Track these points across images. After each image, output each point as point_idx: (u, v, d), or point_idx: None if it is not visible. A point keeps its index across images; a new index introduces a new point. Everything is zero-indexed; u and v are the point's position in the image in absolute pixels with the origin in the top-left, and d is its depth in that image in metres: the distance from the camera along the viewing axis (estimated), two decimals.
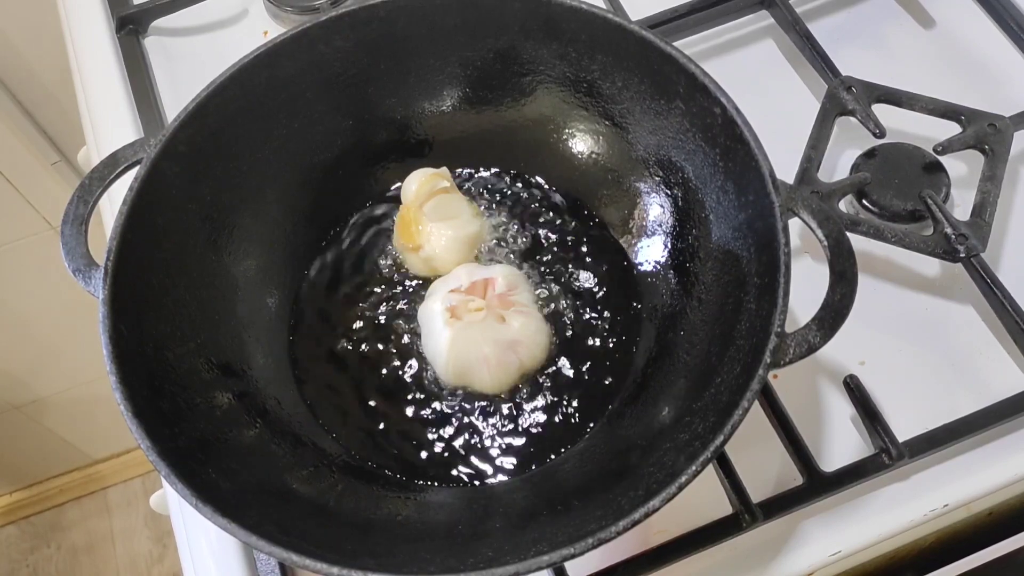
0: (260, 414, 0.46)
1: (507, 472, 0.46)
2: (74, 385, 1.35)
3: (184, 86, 0.65)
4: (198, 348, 0.45)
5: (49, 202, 1.04)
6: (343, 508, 0.43)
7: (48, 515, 1.58)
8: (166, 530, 1.54)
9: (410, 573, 0.36)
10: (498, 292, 0.48)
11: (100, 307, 0.41)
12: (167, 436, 0.39)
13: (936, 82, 0.61)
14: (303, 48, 0.49)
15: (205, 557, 0.49)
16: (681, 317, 0.47)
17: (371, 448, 0.47)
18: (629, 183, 0.52)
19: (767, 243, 0.41)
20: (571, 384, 0.48)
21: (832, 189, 0.53)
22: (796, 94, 0.62)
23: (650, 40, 0.46)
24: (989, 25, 0.63)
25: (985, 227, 0.51)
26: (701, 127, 0.46)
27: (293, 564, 0.35)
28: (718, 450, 0.36)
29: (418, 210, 0.51)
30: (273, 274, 0.51)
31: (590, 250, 0.52)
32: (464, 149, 0.55)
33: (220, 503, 0.37)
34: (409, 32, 0.50)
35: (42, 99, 0.96)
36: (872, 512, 0.48)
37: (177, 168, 0.46)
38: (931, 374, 0.51)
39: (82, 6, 0.70)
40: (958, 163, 0.57)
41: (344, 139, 0.53)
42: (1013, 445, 0.49)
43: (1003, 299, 0.50)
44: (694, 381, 0.43)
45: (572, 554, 0.35)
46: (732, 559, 0.47)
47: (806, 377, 0.51)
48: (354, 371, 0.49)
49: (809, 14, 0.65)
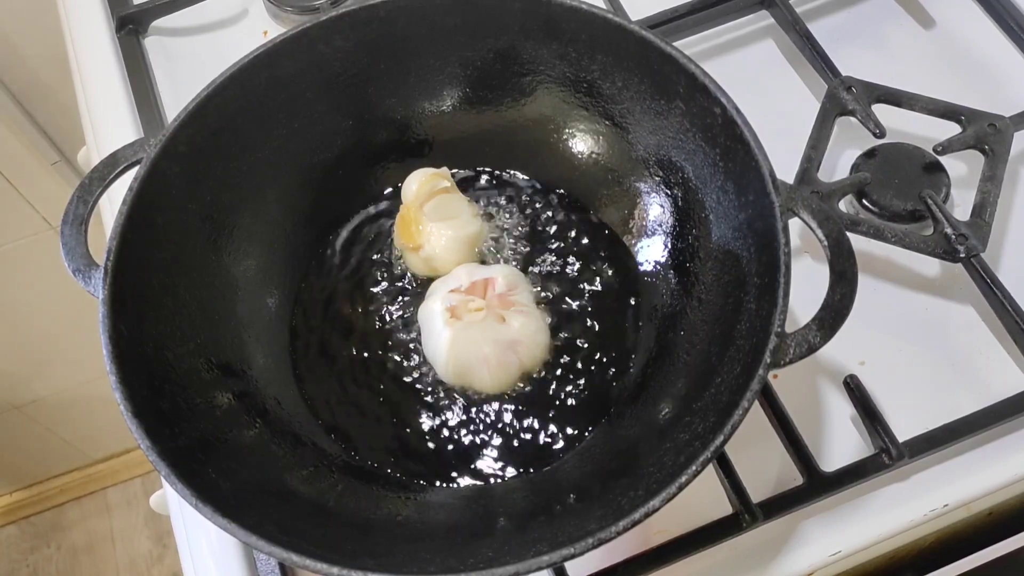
0: (260, 414, 0.46)
1: (507, 472, 0.46)
2: (74, 385, 1.35)
3: (184, 86, 0.65)
4: (198, 348, 0.45)
5: (49, 202, 1.04)
6: (343, 508, 0.43)
7: (48, 515, 1.58)
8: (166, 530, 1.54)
9: (410, 573, 0.36)
10: (498, 292, 0.48)
11: (100, 307, 0.41)
12: (167, 436, 0.39)
13: (936, 82, 0.61)
14: (303, 48, 0.49)
15: (205, 557, 0.49)
16: (681, 317, 0.47)
17: (371, 448, 0.47)
18: (629, 183, 0.52)
19: (767, 243, 0.41)
20: (571, 384, 0.48)
21: (832, 189, 0.53)
22: (796, 94, 0.62)
23: (650, 40, 0.46)
24: (989, 25, 0.63)
25: (985, 227, 0.51)
26: (701, 127, 0.46)
27: (293, 564, 0.35)
28: (718, 450, 0.36)
29: (418, 210, 0.51)
30: (273, 274, 0.51)
31: (590, 250, 0.52)
32: (464, 149, 0.55)
33: (220, 503, 0.37)
34: (409, 32, 0.50)
35: (42, 99, 0.96)
36: (872, 512, 0.48)
37: (177, 168, 0.46)
38: (931, 374, 0.51)
39: (82, 6, 0.70)
40: (958, 163, 0.57)
41: (344, 139, 0.53)
42: (1013, 445, 0.49)
43: (1003, 299, 0.50)
44: (694, 381, 0.43)
45: (572, 554, 0.35)
46: (732, 559, 0.47)
47: (806, 377, 0.51)
48: (354, 371, 0.49)
49: (809, 14, 0.65)
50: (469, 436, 0.47)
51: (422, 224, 0.51)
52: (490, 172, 0.55)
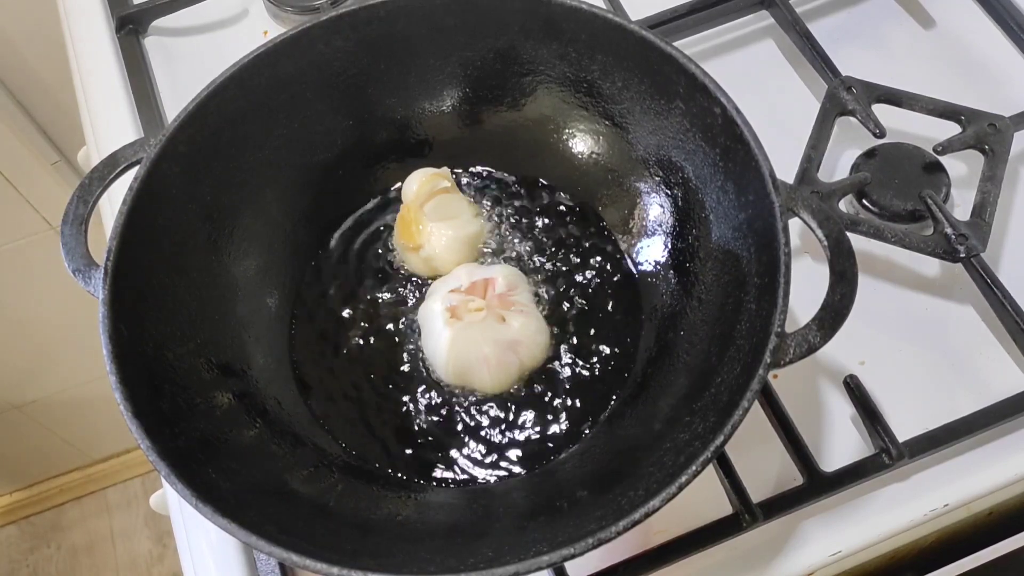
0: (260, 414, 0.46)
1: (507, 472, 0.46)
2: (74, 385, 1.35)
3: (184, 86, 0.65)
4: (198, 348, 0.45)
5: (49, 202, 1.04)
6: (343, 508, 0.43)
7: (48, 515, 1.58)
8: (166, 530, 1.54)
9: (410, 573, 0.36)
10: (498, 292, 0.48)
11: (100, 307, 0.41)
12: (167, 436, 0.39)
13: (936, 82, 0.61)
14: (303, 48, 0.49)
15: (205, 557, 0.49)
16: (681, 317, 0.47)
17: (371, 448, 0.47)
18: (629, 183, 0.52)
19: (767, 243, 0.41)
20: (571, 384, 0.48)
21: (832, 189, 0.53)
22: (796, 94, 0.62)
23: (650, 40, 0.46)
24: (989, 25, 0.63)
25: (985, 227, 0.51)
26: (701, 127, 0.46)
27: (293, 564, 0.35)
28: (718, 450, 0.36)
29: (418, 210, 0.51)
30: (273, 274, 0.51)
31: (590, 250, 0.52)
32: (464, 149, 0.55)
33: (220, 503, 0.37)
34: (409, 32, 0.50)
35: (42, 99, 0.96)
36: (872, 512, 0.48)
37: (177, 168, 0.46)
38: (931, 374, 0.51)
39: (82, 6, 0.70)
40: (958, 163, 0.57)
41: (344, 139, 0.53)
42: (1013, 445, 0.49)
43: (1003, 299, 0.50)
44: (694, 381, 0.43)
45: (572, 554, 0.35)
46: (732, 559, 0.47)
47: (806, 377, 0.51)
48: (354, 371, 0.49)
49: (809, 14, 0.65)
50: (469, 436, 0.47)
51: (422, 224, 0.51)
52: (490, 172, 0.55)
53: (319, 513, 0.42)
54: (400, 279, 0.52)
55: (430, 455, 0.47)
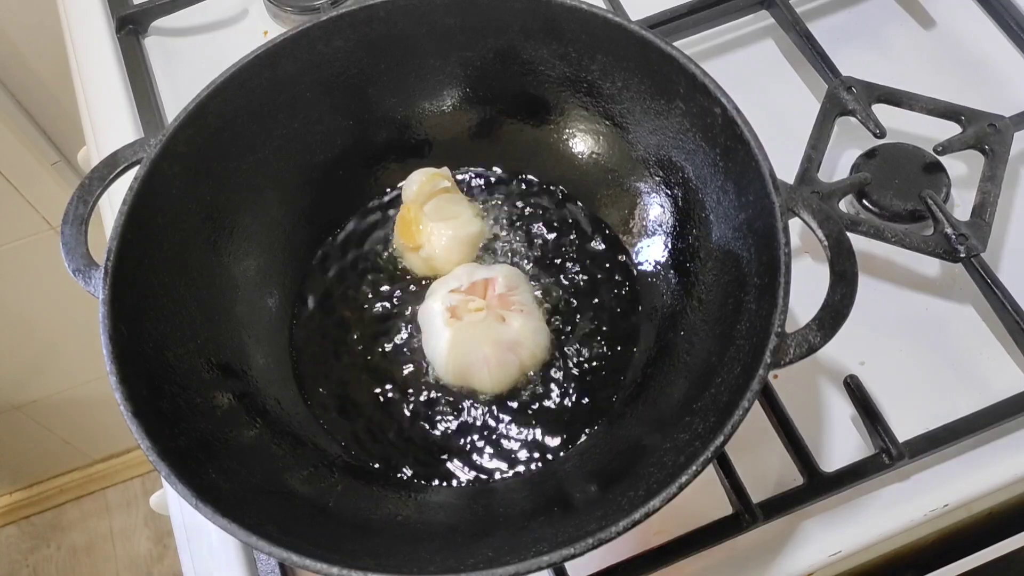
0: (260, 414, 0.46)
1: (507, 472, 0.46)
2: (74, 385, 1.35)
3: (184, 86, 0.65)
4: (198, 348, 0.45)
5: (49, 202, 1.04)
6: (343, 508, 0.43)
7: (48, 515, 1.58)
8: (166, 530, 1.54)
9: (410, 573, 0.36)
10: (498, 292, 0.48)
11: (100, 307, 0.41)
12: (167, 436, 0.39)
13: (936, 82, 0.61)
14: (303, 48, 0.49)
15: (205, 557, 0.49)
16: (681, 317, 0.47)
17: (371, 448, 0.47)
18: (629, 183, 0.52)
19: (767, 243, 0.41)
20: (571, 384, 0.48)
21: (832, 189, 0.53)
22: (796, 94, 0.62)
23: (650, 40, 0.46)
24: (989, 25, 0.63)
25: (985, 227, 0.51)
26: (701, 127, 0.46)
27: (293, 564, 0.35)
28: (718, 450, 0.36)
29: (419, 210, 0.51)
30: (273, 274, 0.51)
31: (590, 250, 0.52)
32: (464, 149, 0.55)
33: (220, 503, 0.37)
34: (409, 32, 0.50)
35: (42, 99, 0.96)
36: (872, 512, 0.48)
37: (177, 168, 0.46)
38: (931, 374, 0.51)
39: (82, 6, 0.70)
40: (958, 163, 0.57)
41: (344, 139, 0.53)
42: (1013, 445, 0.49)
43: (1003, 299, 0.50)
44: (694, 381, 0.43)
45: (572, 554, 0.35)
46: (732, 559, 0.47)
47: (806, 377, 0.51)
48: (354, 371, 0.49)
49: (809, 14, 0.65)
50: (469, 436, 0.47)
51: (422, 224, 0.51)
52: (490, 172, 0.55)
53: (319, 513, 0.42)
54: (400, 279, 0.52)
55: (431, 455, 0.47)
